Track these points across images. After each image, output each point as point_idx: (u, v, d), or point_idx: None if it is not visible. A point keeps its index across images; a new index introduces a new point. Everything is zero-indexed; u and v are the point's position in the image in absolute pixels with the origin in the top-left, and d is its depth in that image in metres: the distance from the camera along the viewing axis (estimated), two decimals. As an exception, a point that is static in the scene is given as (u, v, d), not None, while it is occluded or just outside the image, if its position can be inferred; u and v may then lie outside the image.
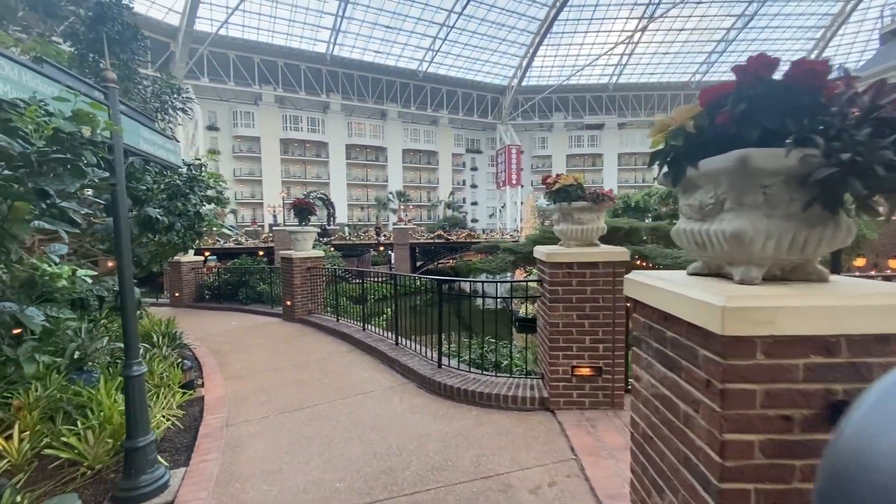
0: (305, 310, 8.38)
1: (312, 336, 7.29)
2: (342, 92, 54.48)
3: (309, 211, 8.22)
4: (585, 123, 66.71)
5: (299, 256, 8.27)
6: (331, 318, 7.89)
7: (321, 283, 8.29)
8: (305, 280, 8.32)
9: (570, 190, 3.66)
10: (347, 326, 7.21)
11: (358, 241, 36.86)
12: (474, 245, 31.99)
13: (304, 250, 8.40)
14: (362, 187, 58.19)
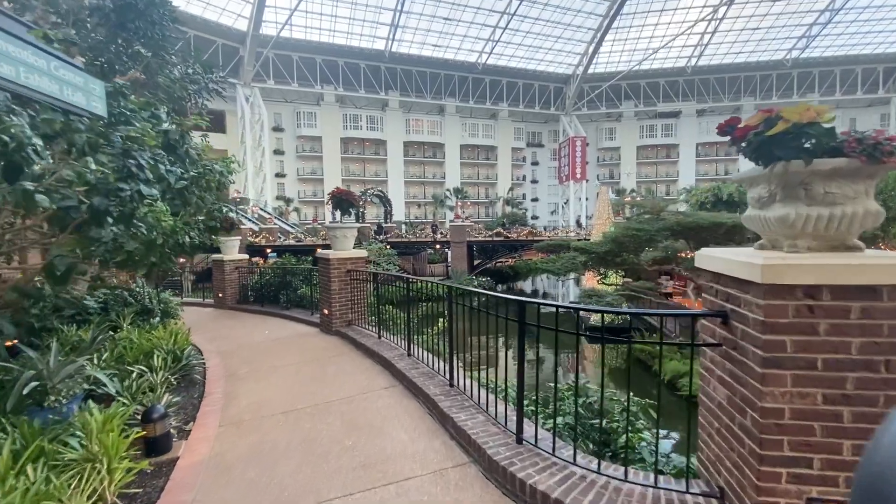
0: (344, 320, 6.97)
1: (347, 357, 5.83)
2: (400, 89, 54.00)
3: (350, 203, 6.80)
4: (658, 111, 61.32)
5: (338, 257, 6.87)
6: (372, 332, 6.40)
7: (363, 289, 6.82)
8: (344, 285, 6.91)
9: (810, 131, 1.76)
10: (390, 348, 5.66)
11: (414, 238, 35.86)
12: (537, 243, 29.70)
13: (344, 249, 6.99)
14: (419, 184, 57.47)
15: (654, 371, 14.42)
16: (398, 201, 52.50)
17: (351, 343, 6.35)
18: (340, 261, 6.90)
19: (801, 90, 57.62)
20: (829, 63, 55.88)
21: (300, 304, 9.25)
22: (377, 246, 29.96)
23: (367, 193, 36.47)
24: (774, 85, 58.24)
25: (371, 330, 6.56)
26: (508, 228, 35.21)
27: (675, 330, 18.55)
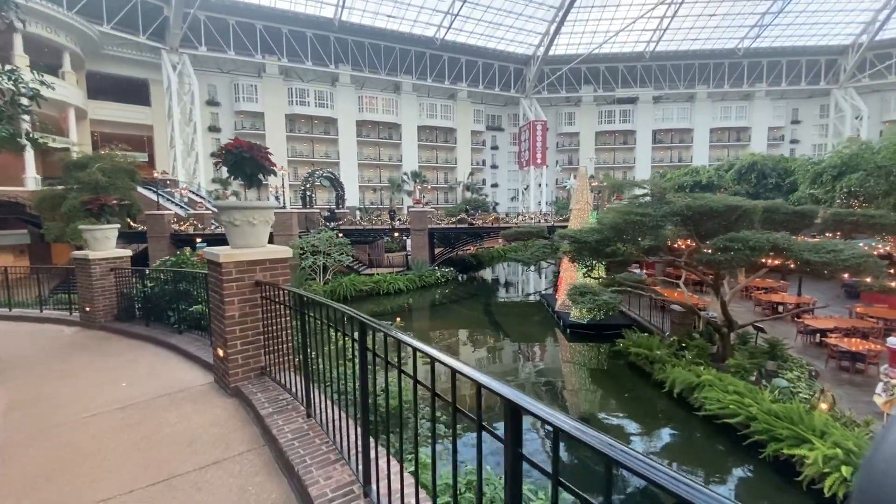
0: (252, 368, 4.08)
1: (250, 465, 2.97)
2: (352, 63, 49.67)
3: (258, 164, 3.87)
4: (617, 97, 60.79)
5: (237, 260, 3.93)
6: (299, 396, 3.51)
7: (286, 315, 3.90)
8: (252, 309, 3.99)
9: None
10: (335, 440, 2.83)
11: (370, 225, 32.58)
12: (504, 231, 27.44)
13: (249, 246, 4.04)
14: (374, 167, 53.69)
15: (653, 380, 12.48)
16: (351, 185, 48.61)
17: (258, 425, 3.47)
18: (242, 266, 3.96)
19: (750, 79, 58.94)
20: (777, 53, 57.31)
21: (199, 324, 6.16)
22: (328, 234, 26.51)
23: (315, 175, 32.63)
24: (727, 74, 59.17)
25: (298, 386, 3.69)
26: (473, 215, 32.75)
27: (661, 327, 16.90)
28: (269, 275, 4.07)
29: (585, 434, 1.11)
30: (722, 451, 9.43)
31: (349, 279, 26.34)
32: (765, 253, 10.40)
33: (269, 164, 4.06)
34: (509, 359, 17.32)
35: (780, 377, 11.41)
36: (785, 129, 60.09)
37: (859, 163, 13.67)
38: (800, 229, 13.07)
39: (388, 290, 26.79)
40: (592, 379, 14.48)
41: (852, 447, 7.26)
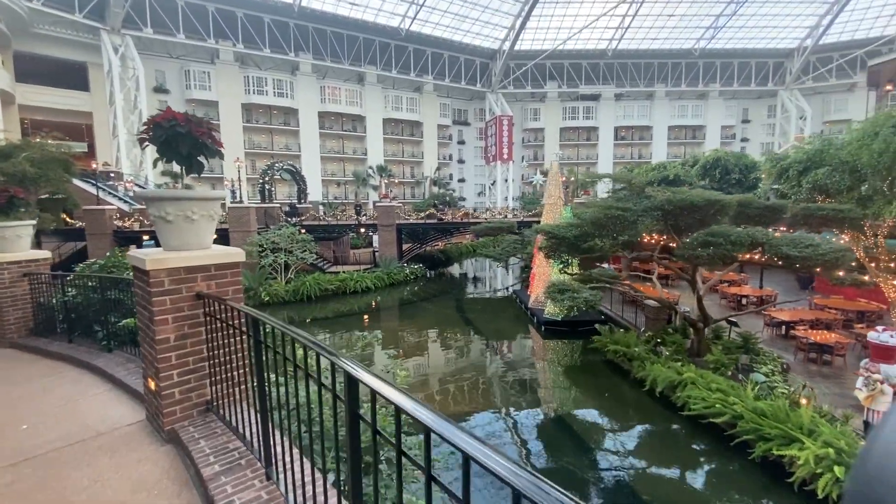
0: (194, 404, 3.19)
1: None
2: (313, 51, 47.56)
3: (197, 142, 2.98)
4: (580, 94, 61.55)
5: (171, 266, 3.02)
6: (255, 427, 2.66)
7: (234, 338, 3.01)
8: (192, 328, 3.10)
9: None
10: None
11: (335, 221, 31.22)
12: (474, 226, 26.91)
13: (188, 247, 3.14)
14: (338, 161, 51.87)
15: (632, 377, 12.25)
16: (314, 179, 46.72)
17: (200, 490, 2.60)
18: (177, 274, 3.06)
19: (705, 79, 61.10)
20: (730, 55, 59.65)
21: (133, 340, 5.11)
22: (289, 230, 25.07)
23: (275, 168, 30.88)
24: (684, 73, 61.06)
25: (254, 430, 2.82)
26: (442, 210, 32.02)
27: (635, 322, 16.84)
28: (215, 284, 3.18)
29: (494, 461, 1.07)
30: (710, 452, 9.23)
31: (313, 278, 25.04)
32: (745, 247, 10.29)
33: (212, 141, 3.17)
34: (484, 358, 16.79)
35: (757, 371, 11.41)
36: (736, 128, 62.83)
37: (824, 158, 13.92)
38: (771, 223, 13.19)
39: (354, 288, 25.69)
40: (570, 377, 14.16)
41: (843, 446, 7.12)
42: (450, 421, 1.16)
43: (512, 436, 10.63)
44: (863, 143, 12.68)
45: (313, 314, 22.35)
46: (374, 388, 1.37)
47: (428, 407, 1.23)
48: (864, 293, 16.97)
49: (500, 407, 12.26)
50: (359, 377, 1.49)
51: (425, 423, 1.18)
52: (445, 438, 1.12)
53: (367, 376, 1.46)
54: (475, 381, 14.19)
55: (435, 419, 1.17)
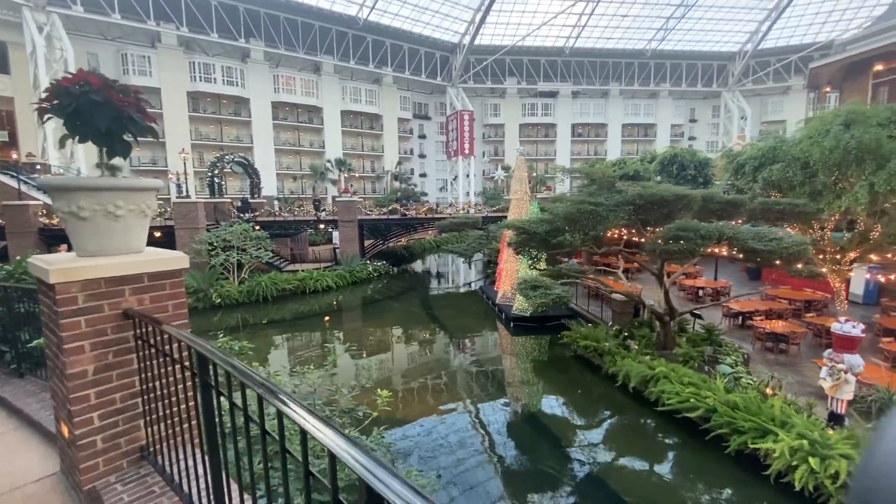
0: (123, 452, 2.48)
1: None
2: (266, 38, 45.16)
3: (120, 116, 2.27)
4: (539, 90, 62.36)
5: (86, 277, 2.29)
6: (207, 485, 2.00)
7: (170, 365, 2.31)
8: (117, 357, 2.38)
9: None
10: None
11: (292, 217, 29.74)
12: (439, 222, 26.40)
13: (108, 251, 2.42)
14: (294, 153, 49.71)
15: (604, 372, 12.20)
16: (268, 172, 44.46)
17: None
18: (96, 287, 2.34)
19: (656, 79, 63.50)
20: (679, 56, 62.27)
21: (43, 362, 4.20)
22: (242, 226, 23.53)
23: (225, 160, 28.95)
24: (636, 73, 63.16)
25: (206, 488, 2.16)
26: (405, 205, 31.25)
27: (601, 316, 16.97)
28: (149, 299, 2.47)
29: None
30: (685, 446, 9.24)
31: (269, 277, 23.65)
32: (713, 241, 10.42)
33: (141, 115, 2.45)
34: (454, 356, 16.36)
35: (721, 363, 11.66)
36: (684, 127, 65.82)
37: (777, 155, 14.45)
38: (731, 217, 13.54)
39: (315, 287, 24.52)
40: (542, 374, 14.01)
41: (817, 437, 7.23)
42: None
43: (485, 434, 10.28)
44: (814, 140, 13.25)
45: (270, 316, 21.10)
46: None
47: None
48: (809, 283, 17.95)
49: (473, 405, 11.89)
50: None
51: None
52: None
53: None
54: (446, 380, 13.76)
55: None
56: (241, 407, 1.49)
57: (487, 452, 9.56)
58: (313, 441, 1.17)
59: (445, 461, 9.00)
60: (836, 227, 15.04)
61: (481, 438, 10.14)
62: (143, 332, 2.32)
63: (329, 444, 1.08)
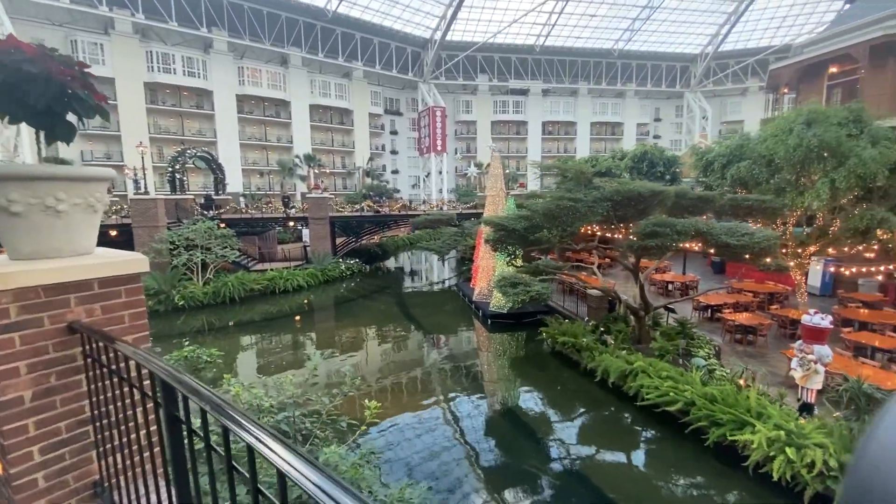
0: (80, 484, 2.11)
1: None
2: (229, 28, 43.36)
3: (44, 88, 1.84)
4: (510, 88, 62.74)
5: (13, 287, 1.89)
6: None
7: (126, 386, 1.93)
8: (60, 380, 2.00)
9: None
10: None
11: (259, 214, 28.67)
12: (413, 219, 26.03)
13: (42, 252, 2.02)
14: (260, 148, 48.04)
15: (582, 368, 12.24)
16: (233, 168, 42.76)
17: None
18: (32, 296, 1.94)
19: (622, 79, 64.99)
20: (644, 57, 63.92)
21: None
22: (207, 224, 22.46)
23: (187, 155, 27.57)
24: (604, 72, 64.42)
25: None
26: (378, 202, 30.67)
27: (576, 311, 17.11)
28: (100, 309, 2.09)
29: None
30: (665, 440, 9.34)
31: (236, 278, 22.68)
32: (688, 237, 10.58)
33: (88, 91, 2.06)
34: (432, 356, 16.10)
35: (695, 356, 11.90)
36: (650, 126, 67.70)
37: (744, 152, 14.87)
38: (702, 213, 13.86)
39: (285, 287, 23.71)
40: (521, 370, 13.96)
41: (793, 428, 7.40)
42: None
43: (465, 432, 10.10)
44: (779, 138, 13.70)
45: (238, 317, 20.23)
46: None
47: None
48: (771, 276, 18.68)
49: (456, 405, 11.70)
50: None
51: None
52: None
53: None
54: (426, 380, 13.51)
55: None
56: (220, 449, 1.19)
57: (473, 454, 9.37)
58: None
59: (433, 467, 8.76)
60: (797, 223, 15.68)
61: (466, 439, 9.95)
62: (93, 349, 1.94)
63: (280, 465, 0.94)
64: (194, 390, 1.28)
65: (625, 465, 9.01)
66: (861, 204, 13.75)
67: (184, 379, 1.35)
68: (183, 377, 1.37)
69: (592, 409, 11.09)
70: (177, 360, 6.67)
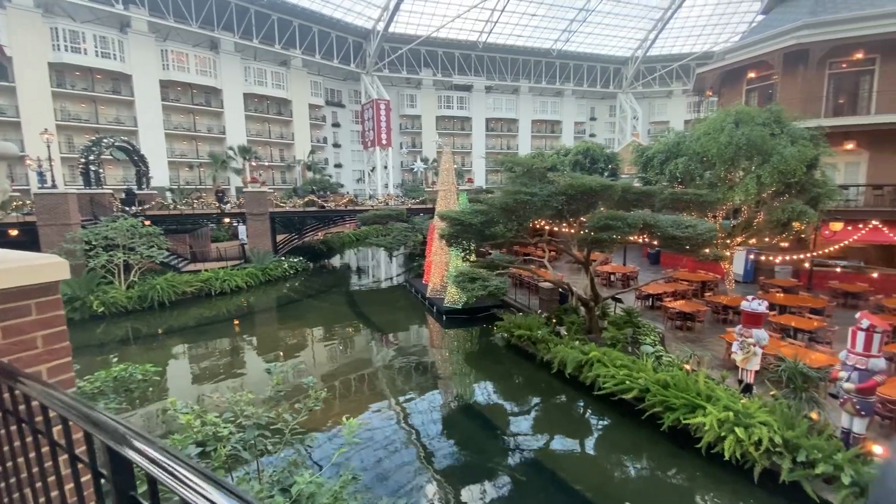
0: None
1: None
2: (150, 6, 39.53)
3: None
4: (454, 83, 62.88)
5: None
6: None
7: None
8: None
9: None
10: None
11: (190, 210, 26.42)
12: (361, 214, 25.20)
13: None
14: (189, 139, 44.43)
15: (539, 360, 12.37)
16: (158, 160, 39.14)
17: None
18: None
19: (561, 79, 67.33)
20: (580, 58, 66.57)
21: None
22: (129, 222, 20.31)
23: (102, 144, 24.73)
24: (544, 71, 66.36)
25: None
26: (324, 196, 29.36)
27: (528, 304, 17.36)
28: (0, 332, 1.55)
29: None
30: (622, 427, 9.63)
31: (165, 280, 20.70)
32: (638, 230, 10.98)
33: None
34: (388, 354, 15.59)
35: (643, 343, 12.42)
36: (586, 125, 70.81)
37: (681, 150, 15.75)
38: (644, 206, 14.49)
39: (222, 288, 22.03)
40: (480, 365, 13.89)
41: (740, 408, 7.85)
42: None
43: (426, 430, 9.83)
44: (711, 136, 14.63)
45: (169, 324, 18.50)
46: None
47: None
48: (702, 265, 20.07)
49: (413, 401, 11.38)
50: None
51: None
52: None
53: None
54: (383, 379, 13.06)
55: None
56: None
57: (434, 452, 9.10)
58: None
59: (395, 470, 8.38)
60: (725, 216, 16.92)
61: (428, 438, 9.66)
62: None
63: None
64: (139, 449, 0.87)
65: (586, 453, 9.17)
66: (780, 198, 15.07)
67: (124, 431, 0.92)
68: (128, 431, 0.94)
69: (551, 401, 11.23)
70: (104, 382, 5.76)
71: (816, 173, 15.00)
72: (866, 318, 7.16)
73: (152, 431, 9.44)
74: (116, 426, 0.96)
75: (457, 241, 13.38)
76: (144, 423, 10.33)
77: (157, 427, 9.89)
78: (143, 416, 10.53)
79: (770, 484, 7.13)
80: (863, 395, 7.10)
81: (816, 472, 6.70)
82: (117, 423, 1.00)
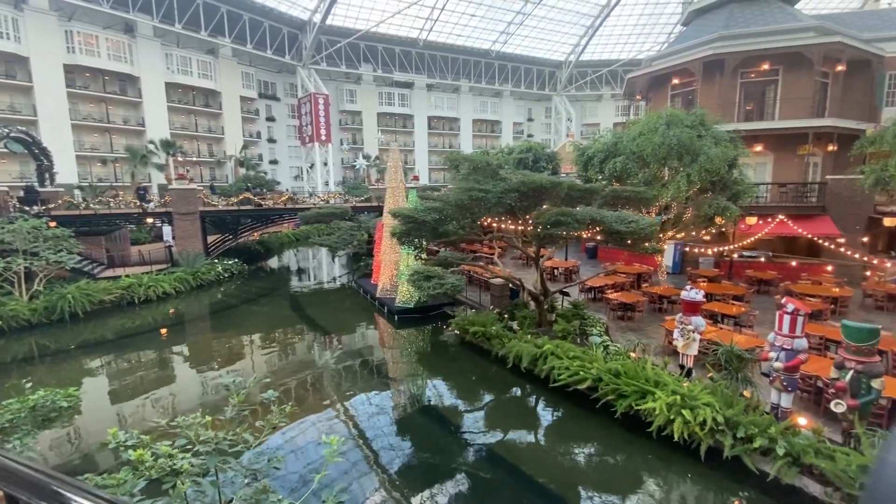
0: None
1: None
2: (48, -20, 35.03)
3: None
4: (395, 80, 62.18)
5: None
6: None
7: None
8: None
9: None
10: None
11: (107, 210, 23.76)
12: (302, 212, 24.05)
13: None
14: (101, 131, 40.07)
15: (493, 356, 12.46)
16: (65, 154, 34.89)
17: None
18: None
19: (500, 79, 68.86)
20: (518, 60, 68.49)
21: None
22: (31, 223, 17.88)
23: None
24: (483, 72, 67.50)
25: None
26: (261, 194, 27.65)
27: (479, 301, 17.49)
28: None
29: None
30: (577, 416, 9.91)
31: (77, 288, 18.45)
32: (586, 226, 11.37)
33: None
34: (339, 358, 14.92)
35: (590, 334, 12.92)
36: (524, 125, 73.06)
37: (619, 149, 16.59)
38: (588, 203, 15.09)
39: (147, 296, 20.06)
40: (434, 364, 13.73)
41: (686, 391, 8.36)
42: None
43: (384, 433, 9.52)
44: (646, 137, 15.56)
45: (83, 337, 16.50)
46: None
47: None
48: (637, 258, 21.38)
49: (368, 404, 10.99)
50: None
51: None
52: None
53: None
54: (332, 383, 12.49)
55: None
56: None
57: (392, 454, 8.82)
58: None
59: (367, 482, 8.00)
60: (658, 211, 18.11)
61: (385, 440, 9.34)
62: None
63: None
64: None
65: (546, 445, 9.35)
66: (705, 195, 16.37)
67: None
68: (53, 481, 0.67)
69: (508, 395, 11.36)
70: (16, 414, 4.86)
71: (735, 172, 16.48)
72: (791, 303, 7.90)
73: (83, 470, 8.34)
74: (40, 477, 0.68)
75: (409, 239, 13.12)
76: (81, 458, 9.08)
77: (89, 463, 8.74)
78: (76, 451, 9.28)
79: (715, 460, 7.66)
80: (789, 373, 7.83)
81: (754, 446, 7.29)
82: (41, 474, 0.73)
